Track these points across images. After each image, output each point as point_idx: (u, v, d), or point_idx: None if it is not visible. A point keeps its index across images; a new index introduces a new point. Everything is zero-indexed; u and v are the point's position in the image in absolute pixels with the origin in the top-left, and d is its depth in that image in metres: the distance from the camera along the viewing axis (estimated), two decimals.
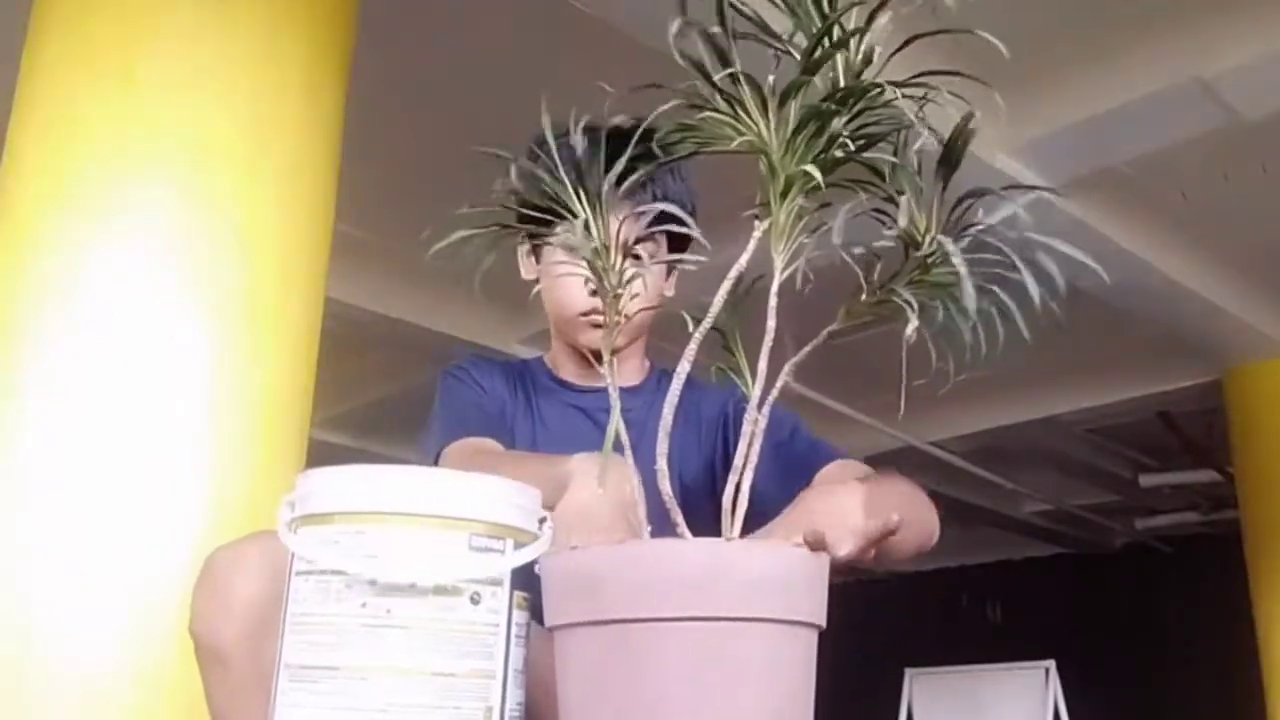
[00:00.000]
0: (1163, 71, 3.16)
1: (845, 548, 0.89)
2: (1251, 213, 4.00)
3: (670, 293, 1.52)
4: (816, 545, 0.80)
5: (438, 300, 4.60)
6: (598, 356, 1.43)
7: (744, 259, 0.82)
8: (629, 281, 1.23)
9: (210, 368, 2.05)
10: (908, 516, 0.96)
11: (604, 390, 1.47)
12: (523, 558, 0.89)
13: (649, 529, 0.92)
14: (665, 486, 0.83)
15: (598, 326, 1.42)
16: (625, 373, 1.52)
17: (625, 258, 1.36)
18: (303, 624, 0.87)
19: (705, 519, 1.39)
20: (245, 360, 2.09)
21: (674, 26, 0.77)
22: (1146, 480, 6.78)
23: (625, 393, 1.49)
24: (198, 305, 2.06)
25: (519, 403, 1.50)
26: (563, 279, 1.41)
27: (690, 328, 0.85)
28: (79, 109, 2.12)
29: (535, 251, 1.48)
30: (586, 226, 1.31)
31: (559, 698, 0.79)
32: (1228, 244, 4.20)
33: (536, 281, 1.48)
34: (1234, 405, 5.12)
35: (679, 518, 0.80)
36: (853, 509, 0.96)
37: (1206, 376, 5.15)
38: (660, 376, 1.57)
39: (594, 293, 1.37)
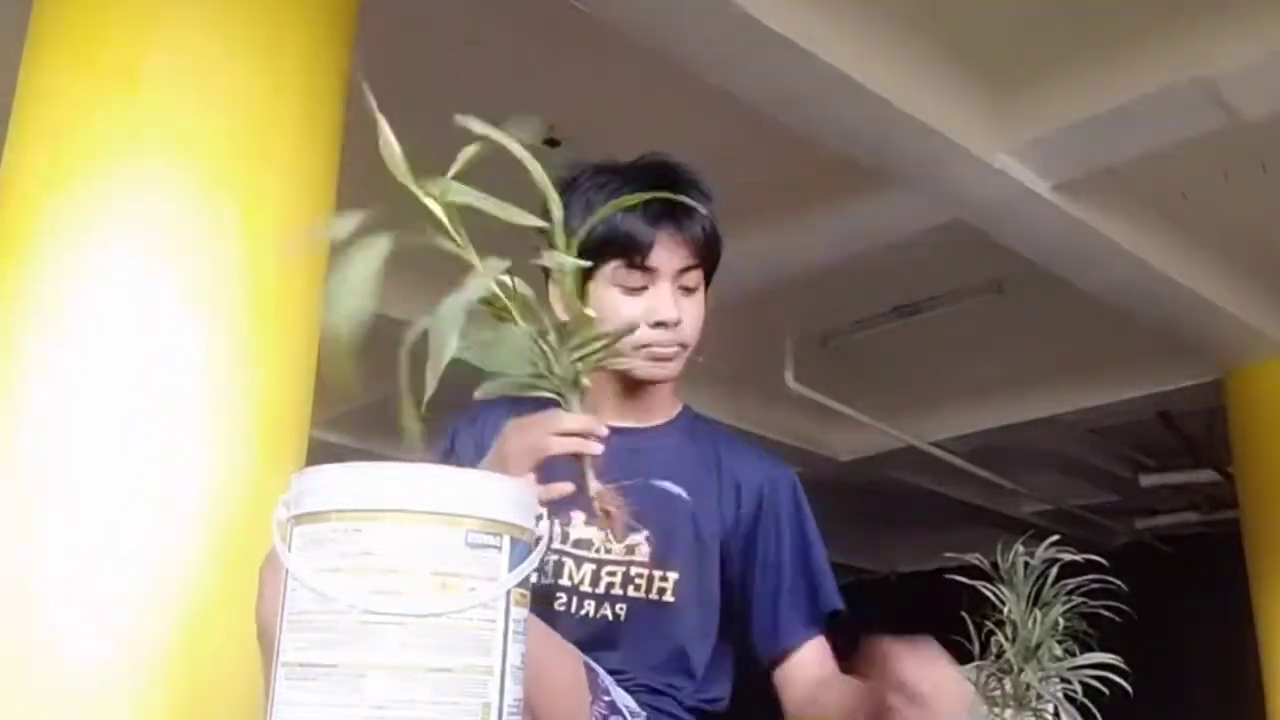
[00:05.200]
0: (1163, 71, 3.15)
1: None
2: (1251, 213, 3.99)
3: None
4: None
5: (437, 300, 4.58)
6: (638, 385, 1.43)
7: None
8: None
9: (210, 368, 2.05)
10: None
11: (637, 430, 1.47)
12: (524, 570, 0.90)
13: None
14: None
15: (658, 359, 1.40)
16: (657, 408, 1.49)
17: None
18: (300, 622, 0.87)
19: (706, 564, 1.40)
20: (245, 361, 2.09)
21: None
22: (1146, 480, 6.78)
23: (655, 431, 1.49)
24: (197, 305, 2.06)
25: None
26: (618, 310, 1.38)
27: None
28: (78, 109, 2.12)
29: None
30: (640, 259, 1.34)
31: None
32: (1228, 244, 4.20)
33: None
34: (1234, 405, 5.11)
35: None
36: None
37: (1206, 376, 5.14)
38: (693, 420, 1.53)
39: (655, 324, 1.38)
